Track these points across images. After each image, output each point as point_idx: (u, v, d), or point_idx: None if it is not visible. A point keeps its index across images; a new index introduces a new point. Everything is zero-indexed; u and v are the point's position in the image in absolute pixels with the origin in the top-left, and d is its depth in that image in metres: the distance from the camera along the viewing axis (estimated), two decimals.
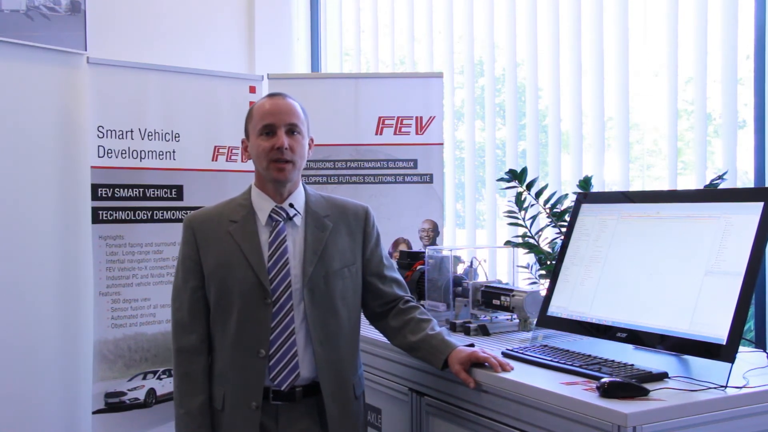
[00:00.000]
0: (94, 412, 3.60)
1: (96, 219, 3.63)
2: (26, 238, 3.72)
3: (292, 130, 2.23)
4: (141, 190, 3.74)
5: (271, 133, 2.22)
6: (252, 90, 4.03)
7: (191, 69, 3.94)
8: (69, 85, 3.86)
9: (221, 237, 2.25)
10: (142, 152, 3.75)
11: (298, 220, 2.26)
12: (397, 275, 2.45)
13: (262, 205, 2.26)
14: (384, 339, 2.61)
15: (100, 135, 3.65)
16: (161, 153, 3.79)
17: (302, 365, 2.19)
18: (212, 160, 3.91)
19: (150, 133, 3.77)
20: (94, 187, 3.64)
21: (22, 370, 3.66)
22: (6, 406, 3.63)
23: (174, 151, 3.82)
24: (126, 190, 3.71)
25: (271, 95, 2.34)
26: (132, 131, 3.73)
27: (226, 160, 3.93)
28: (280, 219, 2.24)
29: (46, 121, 3.80)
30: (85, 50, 3.85)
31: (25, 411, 3.70)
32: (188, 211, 3.79)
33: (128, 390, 3.63)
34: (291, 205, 2.26)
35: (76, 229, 3.84)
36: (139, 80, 3.76)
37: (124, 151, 3.71)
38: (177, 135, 3.82)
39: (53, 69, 3.81)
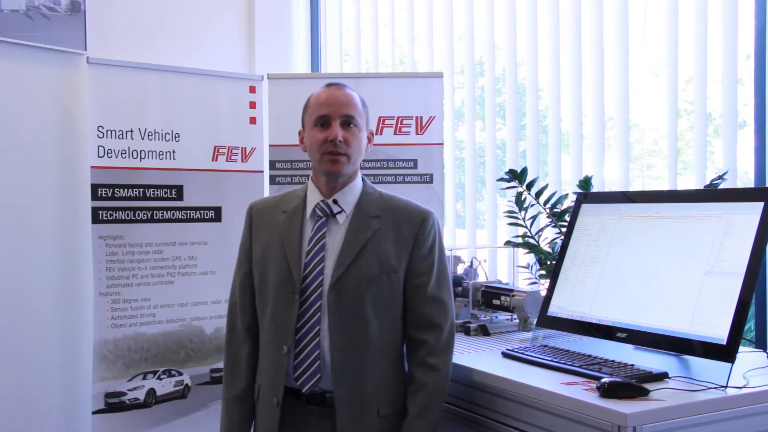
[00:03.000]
0: (94, 412, 3.60)
1: (96, 219, 3.63)
2: (26, 238, 3.71)
3: (348, 122, 2.14)
4: (141, 190, 3.74)
5: (325, 124, 2.13)
6: (252, 90, 4.03)
7: (191, 69, 3.93)
8: (69, 85, 3.86)
9: (272, 226, 2.21)
10: (142, 152, 3.74)
11: (342, 218, 2.16)
12: (446, 299, 2.19)
13: (312, 199, 2.19)
14: None
15: (100, 135, 3.65)
16: (161, 153, 3.79)
17: (325, 369, 2.10)
18: (212, 160, 3.90)
19: (150, 133, 3.76)
20: (94, 187, 3.63)
21: (21, 370, 3.65)
22: (6, 406, 3.63)
23: (174, 151, 3.81)
24: (126, 190, 3.71)
25: (329, 85, 2.24)
26: (132, 131, 3.73)
27: (226, 160, 3.92)
28: (323, 215, 2.16)
29: (46, 121, 3.79)
30: (85, 50, 3.84)
31: (25, 411, 3.70)
32: (188, 212, 3.81)
33: (128, 390, 3.63)
34: (335, 201, 2.16)
35: (75, 229, 3.84)
36: (139, 80, 3.75)
37: (124, 151, 3.71)
38: (177, 135, 3.82)
39: (53, 69, 3.81)
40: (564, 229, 2.91)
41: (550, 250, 3.17)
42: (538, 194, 3.20)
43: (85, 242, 3.74)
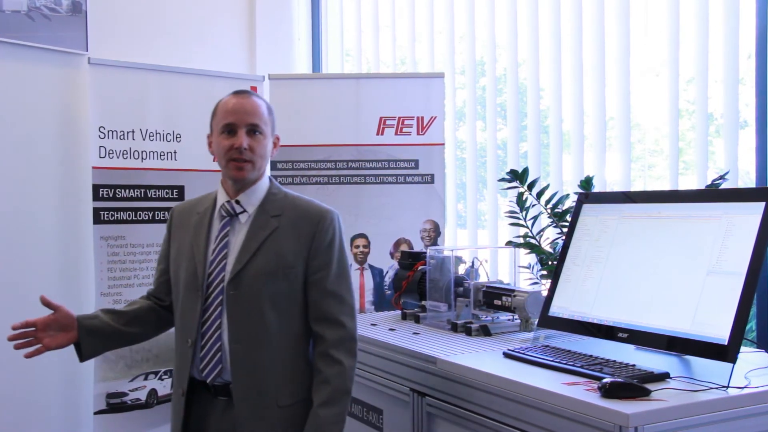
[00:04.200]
0: (95, 413, 3.61)
1: (97, 219, 3.63)
2: (28, 239, 3.72)
3: (253, 130, 2.23)
4: (142, 190, 3.74)
5: (232, 132, 2.23)
6: (253, 90, 4.03)
7: (192, 69, 3.94)
8: (70, 86, 3.87)
9: (187, 227, 2.34)
10: (144, 153, 3.75)
11: (244, 217, 2.26)
12: (344, 294, 2.26)
13: (220, 200, 2.30)
14: (384, 339, 2.62)
15: (102, 135, 3.65)
16: (162, 153, 3.79)
17: (227, 361, 2.19)
18: (213, 161, 3.88)
19: (151, 134, 3.77)
20: (96, 188, 3.64)
21: (23, 370, 3.65)
22: (8, 407, 3.64)
23: (175, 152, 3.82)
24: (127, 190, 3.71)
25: (236, 93, 2.32)
26: (133, 132, 3.73)
27: None
28: (227, 215, 2.26)
29: (48, 122, 3.80)
30: (87, 51, 3.85)
31: (27, 411, 3.71)
32: None
33: (130, 390, 3.63)
34: (237, 202, 2.26)
35: (77, 229, 3.84)
36: (140, 80, 3.76)
37: (125, 152, 3.71)
38: (178, 135, 3.82)
39: (54, 69, 3.82)
40: (565, 230, 2.91)
41: (551, 250, 3.17)
42: (540, 194, 3.20)
43: (87, 243, 3.74)
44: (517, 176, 3.22)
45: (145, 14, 4.21)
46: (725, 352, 1.92)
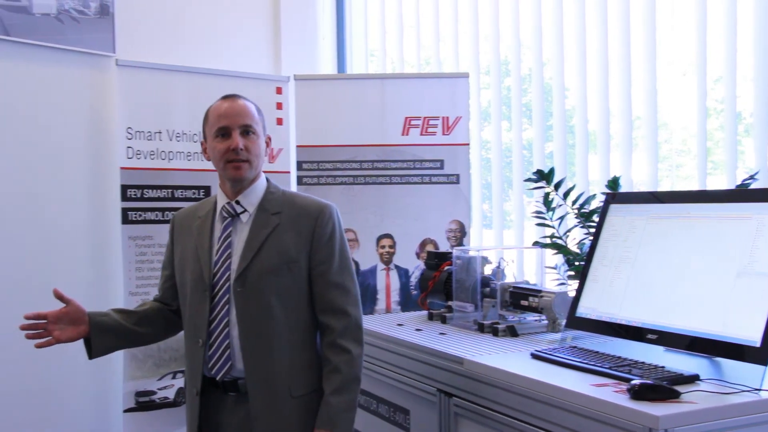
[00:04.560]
0: (125, 411, 3.64)
1: (125, 219, 3.67)
2: (58, 239, 3.76)
3: (246, 130, 2.29)
4: (169, 190, 3.77)
5: (226, 135, 2.28)
6: (279, 91, 4.05)
7: (218, 70, 3.97)
8: (98, 87, 3.91)
9: (189, 232, 2.40)
10: (170, 153, 3.78)
11: (245, 217, 2.32)
12: (348, 284, 2.32)
13: (221, 203, 2.35)
14: (411, 339, 2.62)
15: (129, 136, 3.69)
16: (189, 154, 3.82)
17: (235, 358, 2.25)
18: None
19: (178, 134, 3.80)
20: (124, 188, 3.67)
21: (54, 369, 3.70)
22: (40, 405, 3.68)
23: (201, 152, 3.84)
24: (154, 190, 3.75)
25: (225, 97, 2.38)
26: (160, 132, 3.76)
27: None
28: (228, 216, 2.32)
29: (77, 123, 3.84)
30: (114, 52, 3.89)
31: (58, 409, 3.75)
32: None
33: (158, 389, 3.67)
34: (237, 202, 2.31)
35: (106, 229, 3.88)
36: (166, 82, 3.79)
37: (152, 152, 3.75)
38: (204, 137, 3.84)
39: (83, 71, 3.86)
40: (592, 230, 2.90)
41: (578, 250, 3.15)
42: (566, 195, 3.19)
43: (115, 243, 3.78)
44: (544, 176, 3.21)
45: (171, 16, 4.24)
46: (757, 354, 1.90)
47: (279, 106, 4.04)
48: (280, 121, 4.04)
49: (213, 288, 2.27)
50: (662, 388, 1.81)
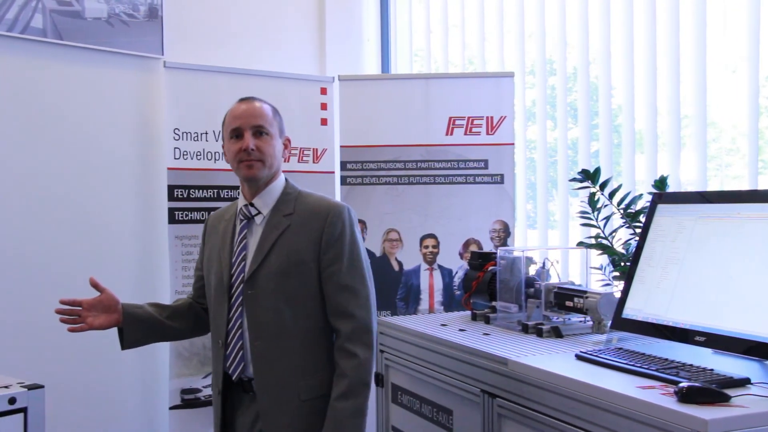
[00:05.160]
0: (170, 408, 3.70)
1: (172, 219, 3.72)
2: (106, 238, 3.83)
3: (259, 131, 2.32)
4: (215, 191, 3.82)
5: (239, 135, 2.32)
6: (323, 92, 4.07)
7: (263, 71, 4.01)
8: (147, 89, 3.97)
9: (216, 234, 2.46)
10: (216, 154, 3.82)
11: (259, 219, 2.35)
12: (357, 286, 2.31)
13: (240, 205, 2.41)
14: (454, 339, 2.62)
15: (176, 137, 3.74)
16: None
17: (248, 359, 2.30)
18: (284, 161, 3.95)
19: None
20: (171, 188, 3.73)
21: (101, 367, 3.77)
22: (88, 402, 3.75)
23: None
24: (200, 191, 3.80)
25: (241, 100, 2.41)
26: (206, 133, 3.81)
27: (298, 161, 3.98)
28: (244, 218, 2.37)
29: (126, 124, 3.91)
30: (162, 55, 3.95)
31: (106, 407, 3.82)
32: None
33: (203, 387, 3.71)
34: (251, 204, 2.35)
35: (153, 229, 3.94)
36: (213, 83, 3.84)
37: (198, 153, 3.80)
38: None
39: (132, 73, 3.93)
40: (638, 230, 2.86)
41: (623, 251, 3.11)
42: (612, 195, 3.15)
43: (162, 242, 3.84)
44: (589, 176, 3.18)
45: (217, 18, 4.29)
46: None
47: (323, 106, 4.07)
48: (324, 122, 4.07)
49: (230, 290, 2.33)
50: (711, 391, 1.77)
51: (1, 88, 3.51)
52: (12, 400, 1.93)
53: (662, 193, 2.80)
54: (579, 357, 2.25)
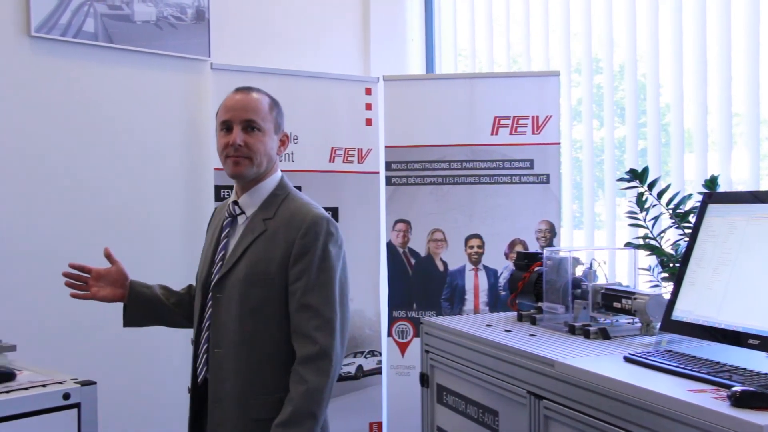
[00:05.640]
0: None
1: None
2: (155, 238, 3.89)
3: (250, 126, 2.19)
4: None
5: (229, 129, 2.20)
6: (368, 92, 4.09)
7: (308, 72, 4.04)
8: (194, 90, 4.03)
9: (211, 228, 2.42)
10: None
11: (242, 219, 2.25)
12: (317, 306, 2.12)
13: (230, 203, 2.32)
14: (500, 340, 2.61)
15: None
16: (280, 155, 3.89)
17: (208, 363, 2.22)
18: (329, 162, 3.99)
19: None
20: (217, 189, 3.77)
21: (150, 365, 3.83)
22: (136, 399, 3.82)
23: (292, 153, 3.91)
24: None
25: (237, 90, 2.29)
26: None
27: (343, 162, 4.00)
28: (229, 216, 2.27)
29: (173, 125, 3.97)
30: (209, 56, 4.00)
31: (154, 404, 3.88)
32: None
33: None
34: (236, 203, 2.26)
35: (200, 229, 3.96)
36: (258, 84, 3.79)
37: None
38: (295, 137, 3.92)
39: (179, 75, 3.98)
40: (688, 231, 2.81)
41: (672, 252, 3.07)
42: (660, 194, 3.11)
43: None
44: (637, 176, 3.13)
45: (263, 20, 4.33)
46: None
47: (368, 106, 4.08)
48: (369, 122, 4.08)
49: (205, 289, 2.25)
50: (766, 395, 1.74)
51: (55, 92, 3.59)
52: (66, 396, 1.97)
53: (713, 193, 2.75)
54: (628, 359, 2.23)
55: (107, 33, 3.68)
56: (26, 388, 1.95)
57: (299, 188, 3.87)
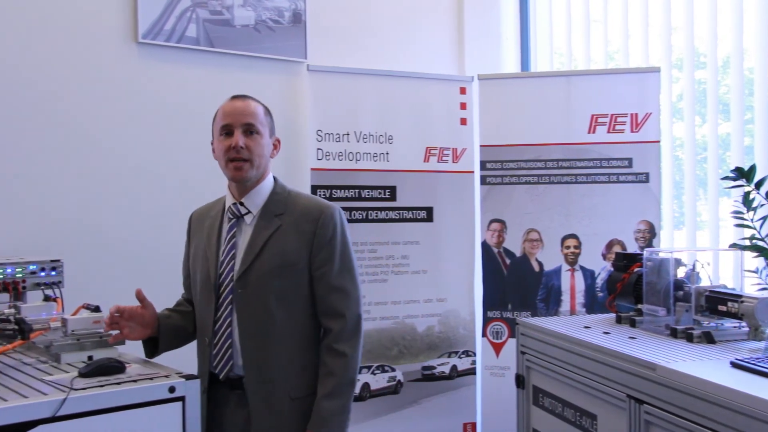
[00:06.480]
0: None
1: None
2: None
3: (249, 130, 2.32)
4: (356, 190, 3.91)
5: (229, 133, 2.32)
6: (462, 91, 4.08)
7: (403, 72, 4.06)
8: (291, 92, 4.11)
9: (201, 231, 2.45)
10: (357, 154, 3.91)
11: (249, 218, 2.35)
12: (348, 287, 2.34)
13: (228, 203, 2.39)
14: (599, 342, 2.57)
15: (319, 138, 3.85)
16: (375, 155, 3.93)
17: (237, 356, 2.29)
18: (424, 161, 4.00)
19: (365, 136, 3.92)
20: (314, 188, 3.84)
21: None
22: None
23: (387, 153, 3.95)
24: (342, 191, 3.89)
25: (233, 97, 2.42)
26: (348, 134, 3.90)
27: (438, 161, 4.01)
28: (233, 217, 2.36)
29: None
30: (306, 58, 4.08)
31: None
32: (401, 212, 3.93)
33: None
34: (241, 203, 2.34)
35: None
36: (354, 85, 3.92)
37: (340, 154, 3.89)
38: (390, 137, 3.95)
39: (277, 77, 4.07)
40: None
41: None
42: None
43: None
44: (744, 174, 3.02)
45: (357, 20, 4.38)
46: None
47: (463, 106, 4.08)
48: (464, 121, 4.07)
49: (218, 288, 2.32)
50: None
51: (160, 95, 3.73)
52: (172, 389, 2.03)
53: None
54: (735, 364, 2.15)
55: (208, 37, 3.80)
56: (135, 381, 2.03)
57: (395, 188, 3.92)
